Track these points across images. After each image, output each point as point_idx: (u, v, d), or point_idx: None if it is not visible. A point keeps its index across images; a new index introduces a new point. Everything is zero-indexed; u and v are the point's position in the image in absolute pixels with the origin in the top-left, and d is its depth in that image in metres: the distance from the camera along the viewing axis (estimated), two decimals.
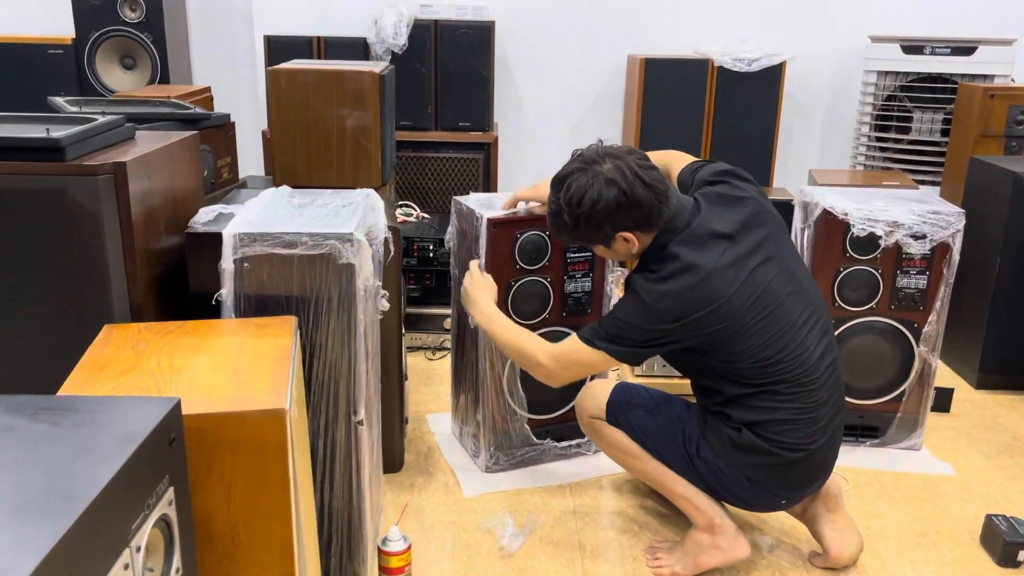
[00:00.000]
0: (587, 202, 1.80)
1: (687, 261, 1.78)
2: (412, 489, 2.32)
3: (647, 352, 1.87)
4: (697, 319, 1.77)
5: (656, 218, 1.82)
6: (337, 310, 1.69)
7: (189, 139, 1.87)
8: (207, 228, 1.67)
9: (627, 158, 1.82)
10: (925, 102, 3.58)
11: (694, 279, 1.76)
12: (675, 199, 1.85)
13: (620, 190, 1.79)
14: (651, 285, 1.79)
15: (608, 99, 4.07)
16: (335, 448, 1.76)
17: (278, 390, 1.31)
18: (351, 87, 2.54)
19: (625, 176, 1.79)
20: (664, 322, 1.78)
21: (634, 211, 1.80)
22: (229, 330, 1.55)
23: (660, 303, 1.78)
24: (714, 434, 1.89)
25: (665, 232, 1.84)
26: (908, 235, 2.37)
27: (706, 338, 1.80)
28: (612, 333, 1.85)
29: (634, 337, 1.82)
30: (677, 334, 1.80)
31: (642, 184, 1.79)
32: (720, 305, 1.76)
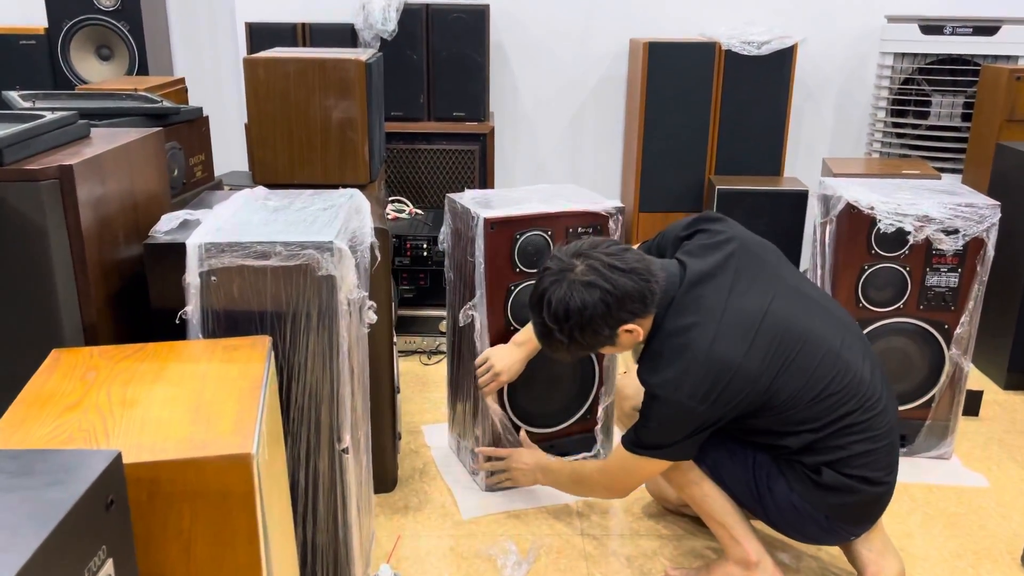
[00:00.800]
0: (574, 313, 1.63)
1: (685, 334, 1.62)
2: (406, 511, 2.15)
3: (696, 440, 1.69)
4: (724, 391, 1.60)
5: (651, 298, 1.65)
6: (317, 327, 1.51)
7: (153, 136, 1.69)
8: (169, 238, 1.49)
9: (595, 252, 1.65)
10: (945, 85, 3.40)
11: (699, 350, 1.60)
12: (660, 271, 1.68)
13: (602, 290, 1.62)
14: (659, 378, 1.63)
15: (610, 86, 3.88)
16: (318, 479, 1.59)
17: (245, 429, 1.14)
18: (335, 76, 2.36)
19: (600, 273, 1.62)
20: (693, 410, 1.61)
21: (626, 303, 1.63)
22: (193, 354, 1.37)
23: (677, 393, 1.60)
24: (791, 471, 1.70)
25: (660, 307, 1.67)
26: (939, 230, 2.20)
27: (746, 402, 1.62)
28: (652, 442, 1.70)
29: (674, 436, 1.66)
30: (714, 413, 1.62)
31: (621, 273, 1.63)
32: (739, 367, 1.59)
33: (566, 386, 2.24)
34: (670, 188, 3.55)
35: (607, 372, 2.26)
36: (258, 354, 1.37)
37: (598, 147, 3.98)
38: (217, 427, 1.14)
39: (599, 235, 2.14)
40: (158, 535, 1.08)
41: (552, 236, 2.09)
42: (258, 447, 1.12)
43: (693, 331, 1.61)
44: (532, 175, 4.01)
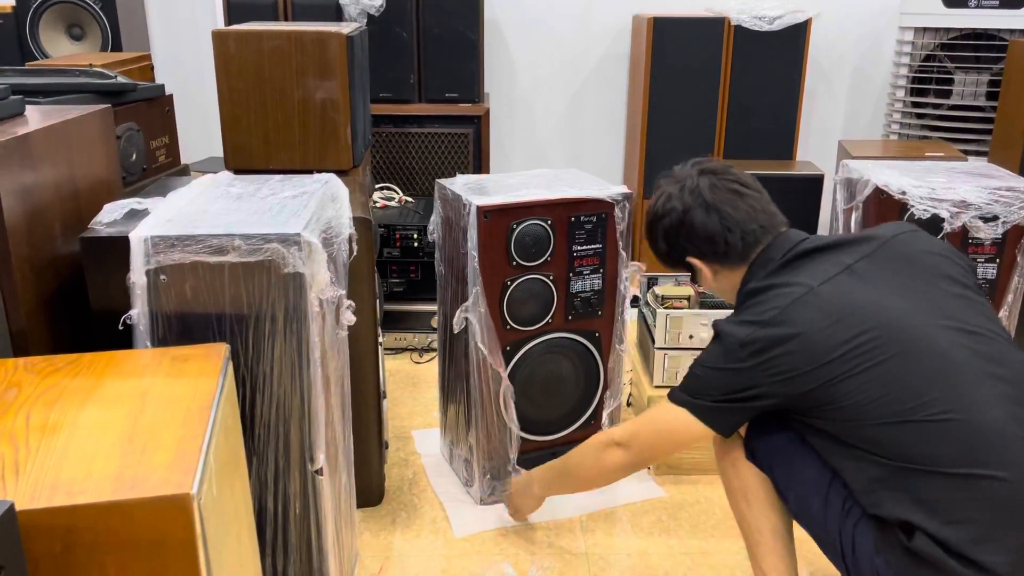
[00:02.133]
0: (656, 212, 1.56)
1: (770, 290, 1.40)
2: (393, 528, 1.96)
3: (731, 409, 1.41)
4: (778, 356, 1.33)
5: (723, 247, 1.48)
6: (284, 331, 1.32)
7: (98, 114, 1.49)
8: (111, 230, 1.29)
9: (715, 179, 1.50)
10: (968, 62, 3.19)
11: (795, 292, 1.35)
12: (758, 232, 1.47)
13: (675, 210, 1.51)
14: (726, 319, 1.42)
15: (612, 64, 3.67)
16: (288, 504, 1.40)
17: (186, 463, 0.94)
18: (314, 51, 2.14)
19: (684, 194, 1.50)
20: (739, 359, 1.36)
21: (693, 237, 1.50)
22: (136, 367, 1.17)
23: (732, 336, 1.37)
24: (878, 522, 1.34)
25: (754, 267, 1.47)
26: (977, 217, 2.00)
27: (800, 384, 1.33)
28: (690, 386, 1.46)
29: (712, 387, 1.41)
30: (758, 378, 1.35)
31: (704, 207, 1.48)
32: (804, 337, 1.31)
33: (569, 390, 2.05)
34: None
35: (611, 375, 2.07)
36: (212, 366, 1.17)
37: (599, 129, 3.76)
38: (152, 460, 0.95)
39: (602, 225, 1.94)
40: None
41: (552, 226, 1.90)
42: (201, 484, 0.92)
43: (779, 288, 1.38)
44: (530, 160, 3.80)
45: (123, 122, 1.77)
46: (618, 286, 2.01)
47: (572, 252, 1.94)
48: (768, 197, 1.53)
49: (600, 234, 1.95)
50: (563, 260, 1.94)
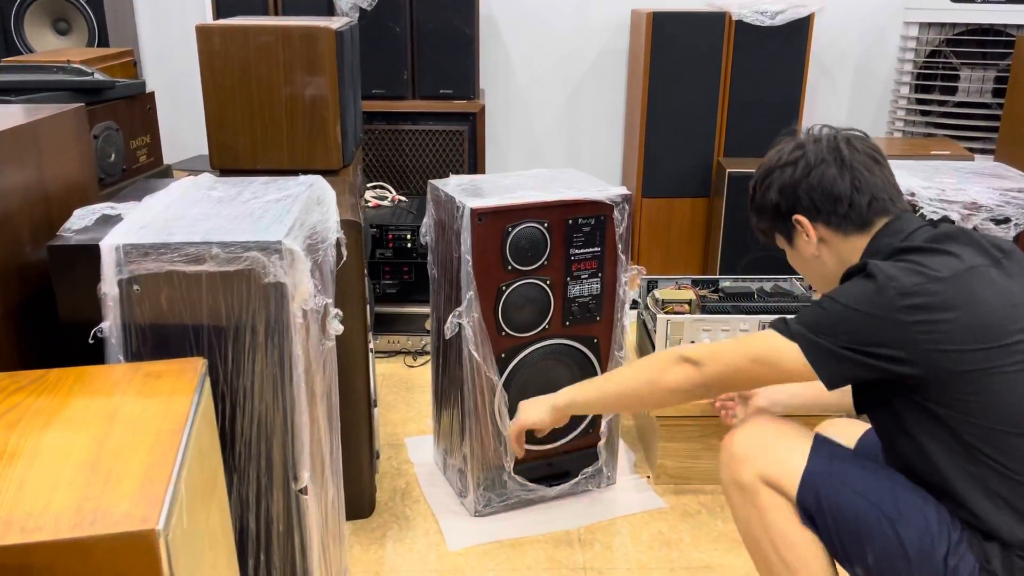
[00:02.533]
0: (769, 160, 1.43)
1: (941, 252, 1.23)
2: (385, 541, 1.89)
3: (856, 361, 1.22)
4: (945, 319, 1.17)
5: (842, 208, 1.34)
6: (265, 344, 1.25)
7: (71, 114, 1.41)
8: (81, 238, 1.21)
9: (841, 134, 1.39)
10: (975, 58, 3.12)
11: (957, 265, 1.21)
12: (887, 203, 1.34)
13: (805, 159, 1.37)
14: (888, 264, 1.24)
15: (610, 60, 3.59)
16: (271, 524, 1.33)
17: (152, 494, 0.87)
18: (302, 47, 2.08)
19: (819, 147, 1.37)
20: (894, 308, 1.18)
21: (816, 192, 1.35)
22: (104, 385, 1.10)
23: (894, 279, 1.20)
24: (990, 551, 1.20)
25: (882, 236, 1.32)
26: (988, 219, 1.93)
27: (953, 361, 1.18)
28: (812, 320, 1.25)
29: (845, 328, 1.22)
30: (908, 338, 1.18)
31: (838, 161, 1.34)
32: (979, 307, 1.18)
33: None
34: (676, 171, 3.28)
35: None
36: (186, 383, 1.10)
37: (598, 127, 3.69)
38: (116, 490, 0.88)
39: (601, 227, 1.87)
40: None
41: (549, 228, 1.83)
42: (169, 518, 0.85)
43: (944, 255, 1.22)
44: (526, 157, 3.73)
45: (101, 121, 1.70)
46: (617, 291, 1.94)
47: (569, 256, 1.87)
48: (895, 177, 1.41)
49: (599, 237, 1.88)
50: (560, 264, 1.87)
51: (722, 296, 2.17)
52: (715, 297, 2.16)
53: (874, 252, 1.32)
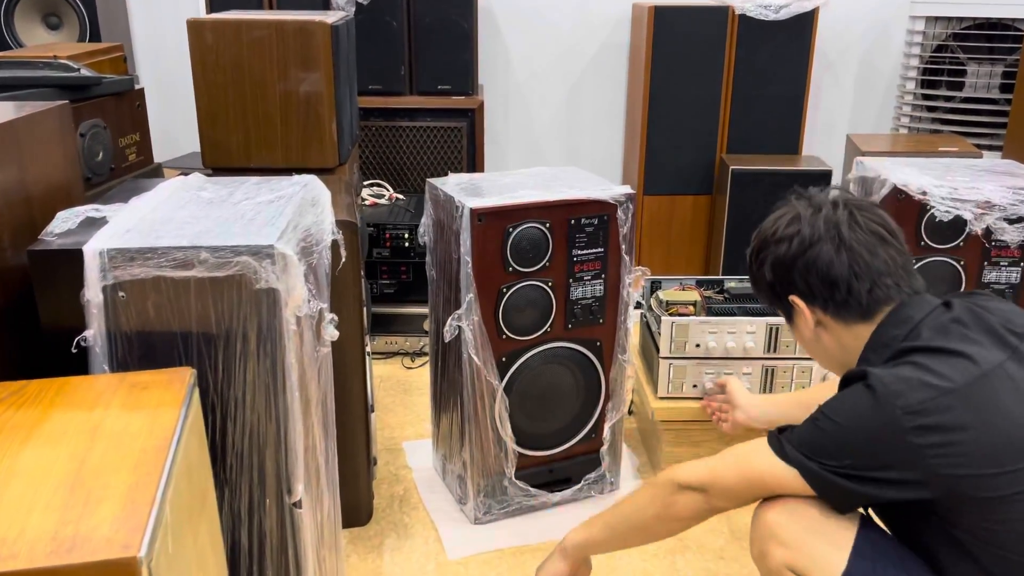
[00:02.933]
0: (765, 230, 1.32)
1: (954, 352, 1.11)
2: (382, 550, 1.85)
3: (858, 491, 1.12)
4: (960, 440, 1.06)
5: (839, 295, 1.23)
6: (257, 353, 1.19)
7: (55, 111, 1.36)
8: (63, 242, 1.16)
9: (846, 209, 1.26)
10: (982, 53, 3.07)
11: (971, 370, 1.08)
12: (891, 290, 1.22)
13: (800, 236, 1.25)
14: (889, 373, 1.11)
15: (611, 55, 3.54)
16: (264, 538, 1.28)
17: (135, 518, 0.82)
18: (296, 43, 2.02)
19: (816, 222, 1.24)
20: (900, 428, 1.07)
21: (811, 274, 1.24)
22: (87, 397, 1.05)
23: (898, 395, 1.08)
24: None
25: (887, 326, 1.21)
26: (1002, 218, 1.88)
27: (972, 486, 1.07)
28: (809, 441, 1.16)
29: (845, 451, 1.12)
30: (919, 461, 1.07)
31: (836, 243, 1.22)
32: (1000, 422, 1.06)
33: (568, 403, 1.93)
34: (678, 168, 3.22)
35: (613, 386, 1.95)
36: (173, 396, 1.05)
37: (598, 123, 3.64)
38: (97, 514, 0.82)
39: (604, 227, 1.82)
40: None
41: (551, 229, 1.77)
42: (152, 543, 0.80)
43: (957, 356, 1.09)
44: (525, 154, 3.68)
45: (88, 118, 1.64)
46: (621, 292, 1.89)
47: (572, 257, 1.82)
48: (910, 256, 1.27)
49: (602, 237, 1.83)
50: (562, 265, 1.81)
51: (727, 297, 2.12)
52: (720, 298, 2.11)
53: (879, 345, 1.20)
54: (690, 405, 2.00)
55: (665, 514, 1.29)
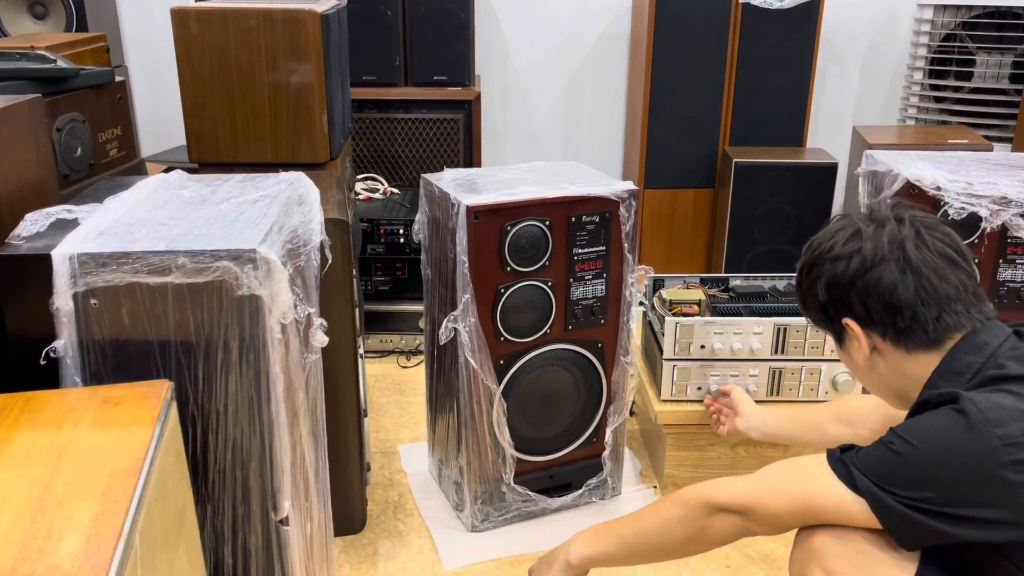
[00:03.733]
0: (819, 243, 1.20)
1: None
2: (376, 559, 1.78)
3: (938, 523, 1.01)
4: None
5: (903, 322, 1.12)
6: (239, 363, 1.13)
7: (25, 105, 1.28)
8: (30, 246, 1.09)
9: (912, 227, 1.15)
10: (991, 42, 2.99)
11: None
12: (961, 316, 1.11)
13: (861, 255, 1.14)
14: (986, 399, 1.01)
15: (611, 45, 3.46)
16: (249, 558, 1.22)
17: (101, 551, 0.75)
18: (285, 33, 1.94)
19: (879, 239, 1.14)
20: (996, 461, 0.97)
21: (872, 297, 1.14)
22: (56, 414, 0.98)
23: (994, 423, 0.98)
24: None
25: (952, 358, 1.10)
26: (1018, 215, 1.82)
27: None
28: (882, 468, 1.04)
29: (926, 483, 1.00)
30: (1012, 499, 0.97)
31: (901, 262, 1.12)
32: None
33: (569, 406, 1.86)
34: (680, 161, 3.15)
35: (615, 388, 1.88)
36: (148, 411, 0.98)
37: (598, 115, 3.56)
38: (58, 550, 0.76)
39: (606, 225, 1.75)
40: None
41: (551, 227, 1.70)
42: None
43: None
44: (523, 146, 3.60)
45: (65, 112, 1.57)
46: (623, 292, 1.82)
47: (572, 256, 1.75)
48: (977, 279, 1.16)
49: (604, 235, 1.76)
50: (563, 264, 1.74)
51: (733, 296, 2.05)
52: (725, 297, 2.05)
53: (951, 372, 1.10)
54: (695, 409, 1.94)
55: (697, 537, 1.19)
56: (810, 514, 1.10)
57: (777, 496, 1.12)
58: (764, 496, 1.13)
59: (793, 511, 1.11)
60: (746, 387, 1.91)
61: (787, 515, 1.12)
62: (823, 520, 1.10)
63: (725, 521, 1.16)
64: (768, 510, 1.12)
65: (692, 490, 1.20)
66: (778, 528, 1.14)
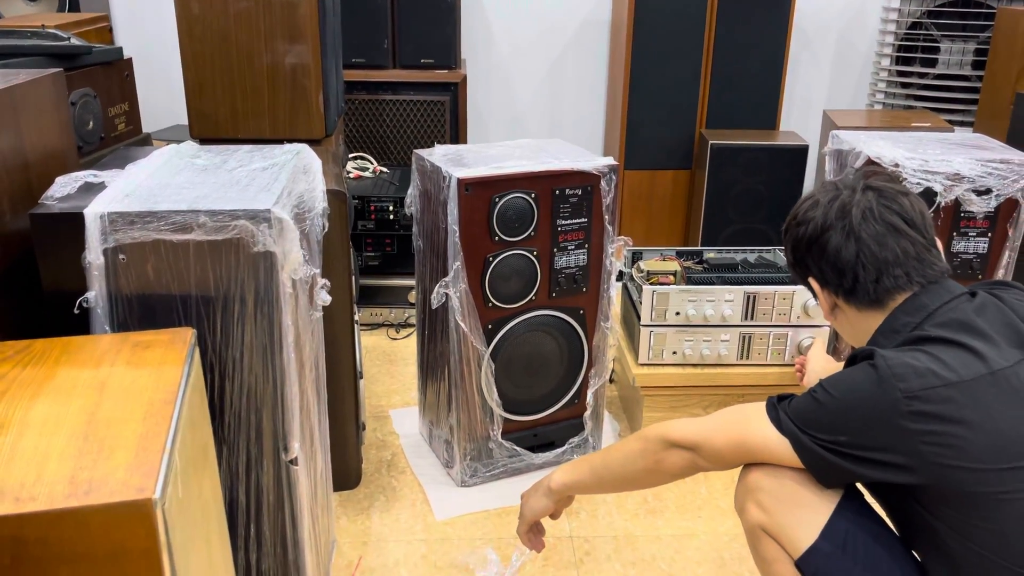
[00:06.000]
0: (795, 216, 1.32)
1: (962, 345, 1.11)
2: (371, 512, 1.90)
3: (847, 468, 1.13)
4: (953, 432, 1.06)
5: (847, 283, 1.24)
6: (255, 314, 1.23)
7: (50, 79, 1.37)
8: (64, 206, 1.19)
9: (868, 194, 1.25)
10: (955, 30, 3.13)
11: (977, 368, 1.09)
12: (900, 280, 1.21)
13: (814, 221, 1.26)
14: (898, 356, 1.11)
15: (593, 30, 3.57)
16: (261, 495, 1.33)
17: (148, 464, 0.86)
18: (283, 14, 2.03)
19: (831, 207, 1.25)
20: (897, 412, 1.07)
21: (822, 260, 1.26)
22: (93, 355, 1.08)
23: (900, 378, 1.08)
24: None
25: (900, 313, 1.21)
26: (971, 190, 1.95)
27: (959, 480, 1.07)
28: (805, 413, 1.17)
29: (840, 427, 1.13)
30: (911, 447, 1.08)
31: (845, 232, 1.23)
32: (995, 423, 1.07)
33: (552, 369, 1.98)
34: (659, 143, 3.27)
35: (596, 353, 2.01)
36: (176, 353, 1.09)
37: (580, 97, 3.67)
38: (111, 461, 0.86)
39: (588, 198, 1.87)
40: None
41: (536, 199, 1.82)
42: (164, 487, 0.84)
43: (965, 350, 1.10)
44: (508, 128, 3.71)
45: (78, 88, 1.66)
46: (604, 262, 1.94)
47: (556, 227, 1.86)
48: (934, 241, 1.25)
49: (586, 208, 1.88)
50: (547, 235, 1.86)
51: (707, 267, 2.18)
52: (699, 268, 2.17)
53: (889, 331, 1.21)
54: (670, 371, 2.06)
55: (653, 468, 1.32)
56: (747, 452, 1.23)
57: (720, 435, 1.24)
58: (710, 435, 1.25)
59: (733, 449, 1.24)
60: (718, 352, 2.04)
61: (728, 452, 1.24)
62: (758, 458, 1.22)
63: (678, 455, 1.28)
64: (712, 447, 1.25)
65: (653, 428, 1.33)
66: (722, 464, 1.26)
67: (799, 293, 2.01)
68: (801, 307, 2.03)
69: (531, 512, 1.48)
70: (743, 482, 1.27)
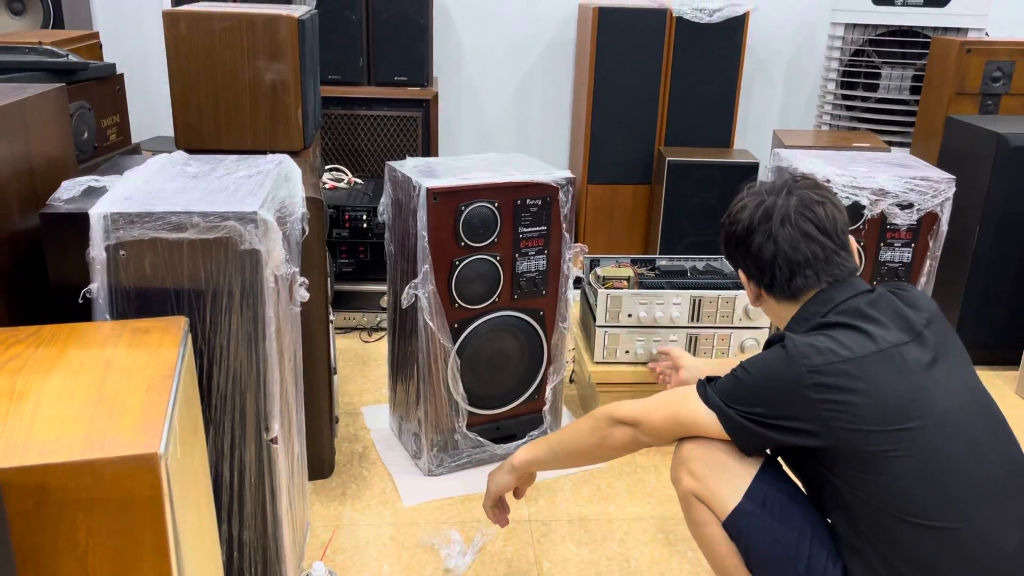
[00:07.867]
0: (728, 214, 1.48)
1: (859, 329, 1.29)
2: (344, 499, 2.03)
3: (763, 434, 1.31)
4: (850, 401, 1.24)
5: (766, 278, 1.42)
6: (241, 306, 1.37)
7: (53, 93, 1.51)
8: (70, 207, 1.32)
9: (790, 198, 1.40)
10: (895, 57, 3.36)
11: (868, 346, 1.27)
12: (809, 279, 1.39)
13: (741, 222, 1.43)
14: (803, 340, 1.30)
15: (558, 52, 3.76)
16: (244, 472, 1.46)
17: (152, 425, 1.00)
18: (266, 34, 2.18)
19: (755, 212, 1.41)
20: (802, 384, 1.25)
21: (747, 256, 1.44)
22: (97, 338, 1.22)
23: (804, 356, 1.27)
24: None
25: (812, 304, 1.39)
26: (894, 204, 2.15)
27: (856, 441, 1.24)
28: (728, 390, 1.35)
29: (756, 401, 1.31)
30: (814, 415, 1.26)
31: (765, 233, 1.40)
32: (883, 390, 1.24)
33: (514, 366, 2.14)
34: (620, 159, 3.46)
35: (555, 351, 2.16)
36: (171, 337, 1.23)
37: (546, 115, 3.86)
38: (120, 423, 1.00)
39: (547, 208, 2.03)
40: (48, 550, 0.95)
41: (499, 208, 1.98)
42: (167, 445, 0.98)
43: (862, 333, 1.28)
44: (477, 143, 3.88)
45: (74, 100, 1.79)
46: (561, 267, 2.10)
47: (518, 234, 2.02)
48: (845, 244, 1.41)
49: (545, 216, 2.04)
50: (509, 241, 2.02)
51: (658, 273, 2.35)
52: (652, 274, 2.34)
53: (801, 319, 1.38)
54: (623, 369, 2.23)
55: (600, 443, 1.46)
56: (681, 427, 1.40)
57: (658, 412, 1.41)
58: (649, 412, 1.42)
59: (668, 424, 1.40)
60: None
61: (664, 427, 1.41)
62: (690, 432, 1.39)
63: (621, 432, 1.44)
64: (650, 423, 1.41)
65: (602, 408, 1.49)
66: (660, 439, 1.42)
67: (740, 298, 2.19)
68: (743, 310, 2.20)
69: (496, 487, 1.62)
70: (677, 454, 1.43)
